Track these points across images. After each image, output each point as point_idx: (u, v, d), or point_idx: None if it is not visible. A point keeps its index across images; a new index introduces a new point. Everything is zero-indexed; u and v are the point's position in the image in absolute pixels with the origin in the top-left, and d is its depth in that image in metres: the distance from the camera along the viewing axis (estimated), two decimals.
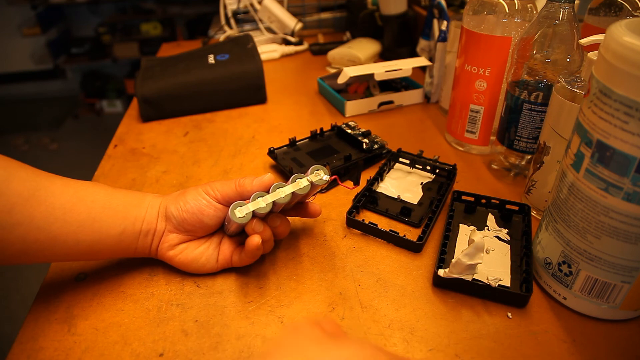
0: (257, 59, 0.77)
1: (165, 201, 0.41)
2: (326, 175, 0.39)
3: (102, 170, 0.60)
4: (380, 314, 0.38)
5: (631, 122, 0.28)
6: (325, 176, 0.39)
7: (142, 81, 0.73)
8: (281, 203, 0.38)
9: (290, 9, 1.10)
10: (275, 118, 0.73)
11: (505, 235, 0.46)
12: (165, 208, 0.40)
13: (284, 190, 0.38)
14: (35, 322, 0.38)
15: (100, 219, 0.37)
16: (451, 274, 0.39)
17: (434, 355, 0.35)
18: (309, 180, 0.39)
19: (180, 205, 0.40)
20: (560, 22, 0.45)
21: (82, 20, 2.97)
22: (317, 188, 0.40)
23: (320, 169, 0.40)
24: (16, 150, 2.47)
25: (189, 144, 0.66)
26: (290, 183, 0.39)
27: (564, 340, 0.36)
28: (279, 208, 0.40)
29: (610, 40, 0.30)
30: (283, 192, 0.38)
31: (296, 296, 0.40)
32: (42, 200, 0.35)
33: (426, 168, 0.57)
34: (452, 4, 0.83)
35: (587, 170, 0.33)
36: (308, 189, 0.39)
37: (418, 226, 0.48)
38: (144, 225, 0.39)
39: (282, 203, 0.38)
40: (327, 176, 0.39)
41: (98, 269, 0.43)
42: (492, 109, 0.58)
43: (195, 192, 0.40)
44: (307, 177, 0.39)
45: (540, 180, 0.47)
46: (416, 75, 0.85)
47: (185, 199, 0.40)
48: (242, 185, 0.39)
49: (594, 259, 0.34)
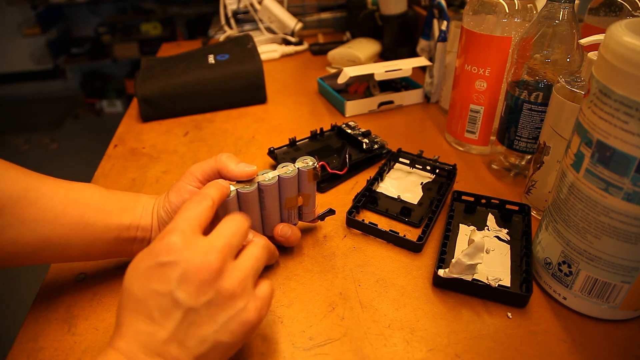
0: (257, 59, 0.77)
1: (157, 203, 0.40)
2: (313, 162, 0.40)
3: (102, 171, 0.60)
4: (380, 313, 0.38)
5: (631, 122, 0.28)
6: (311, 162, 0.40)
7: (142, 81, 0.73)
8: (267, 185, 0.38)
9: (290, 9, 1.10)
10: (275, 118, 0.73)
11: (505, 235, 0.46)
12: (157, 211, 0.39)
13: (269, 174, 0.39)
14: (35, 322, 0.38)
15: (94, 223, 0.36)
16: (451, 274, 0.39)
17: (434, 355, 0.35)
18: (295, 166, 0.40)
19: (166, 207, 0.39)
20: (560, 22, 0.45)
21: (82, 20, 2.97)
22: (307, 181, 0.41)
23: (307, 158, 0.41)
24: (16, 150, 2.47)
25: (189, 144, 0.66)
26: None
27: (564, 340, 0.36)
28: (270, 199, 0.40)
29: (610, 40, 0.30)
30: (268, 176, 0.39)
31: (296, 296, 0.40)
32: (32, 201, 0.34)
33: (426, 168, 0.57)
34: (452, 4, 0.83)
35: (587, 170, 0.33)
36: (295, 174, 0.39)
37: (418, 226, 0.48)
38: (139, 232, 0.38)
39: (268, 185, 0.38)
40: (314, 162, 0.40)
41: (98, 269, 0.43)
42: (492, 109, 0.58)
43: (176, 187, 0.39)
44: (294, 164, 0.40)
45: (540, 180, 0.47)
46: (416, 75, 0.85)
47: (169, 199, 0.39)
48: (220, 161, 0.38)
49: (594, 259, 0.34)
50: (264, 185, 0.38)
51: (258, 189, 0.39)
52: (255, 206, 0.40)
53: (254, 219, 0.40)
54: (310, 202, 0.43)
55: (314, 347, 0.36)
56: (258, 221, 0.41)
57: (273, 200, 0.41)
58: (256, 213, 0.40)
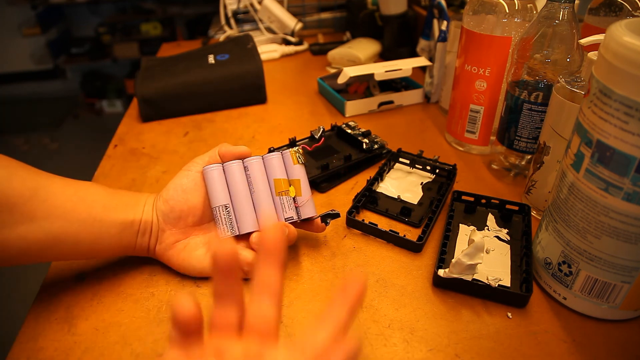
0: (257, 59, 0.77)
1: (156, 197, 0.42)
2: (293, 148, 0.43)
3: (102, 170, 0.60)
4: (380, 313, 0.38)
5: (631, 122, 0.28)
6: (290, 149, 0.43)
7: (142, 81, 0.73)
8: (251, 161, 0.42)
9: (290, 9, 1.10)
10: (275, 118, 0.73)
11: (505, 235, 0.46)
12: (156, 204, 0.41)
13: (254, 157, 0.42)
14: (35, 322, 0.38)
15: (101, 219, 0.37)
16: (451, 274, 0.39)
17: (434, 355, 0.35)
18: (280, 152, 0.43)
19: (163, 195, 0.41)
20: (560, 22, 0.45)
21: (82, 20, 2.97)
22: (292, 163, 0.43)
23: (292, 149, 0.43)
24: (16, 150, 2.47)
25: (189, 144, 0.66)
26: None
27: (564, 340, 0.36)
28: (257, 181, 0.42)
29: (610, 40, 0.30)
30: (254, 158, 0.42)
31: (296, 296, 0.40)
32: (42, 199, 0.35)
33: (426, 168, 0.57)
34: (452, 4, 0.83)
35: (587, 170, 0.33)
36: (277, 154, 0.43)
37: (418, 226, 0.48)
38: (142, 225, 0.40)
39: (252, 161, 0.42)
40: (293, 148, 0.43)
41: (98, 269, 0.43)
42: (492, 109, 0.58)
43: (177, 175, 0.42)
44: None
45: (540, 180, 0.47)
46: (416, 75, 0.85)
47: (167, 187, 0.41)
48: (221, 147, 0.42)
49: (594, 259, 0.34)
50: (248, 162, 0.42)
51: (243, 166, 0.42)
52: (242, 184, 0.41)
53: (244, 201, 0.41)
54: (302, 190, 0.43)
55: None
56: (249, 206, 0.41)
57: (261, 182, 0.42)
58: (245, 194, 0.41)
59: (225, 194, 0.41)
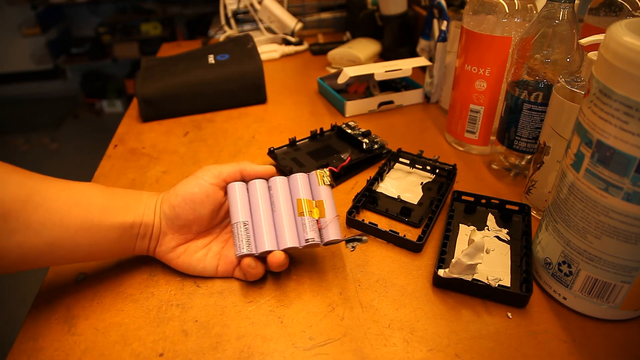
0: (257, 59, 0.77)
1: (160, 199, 0.40)
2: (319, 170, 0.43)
3: (102, 171, 0.60)
4: (380, 314, 0.38)
5: (631, 122, 0.28)
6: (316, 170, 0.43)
7: (142, 81, 0.73)
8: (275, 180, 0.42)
9: (290, 9, 1.10)
10: (275, 118, 0.73)
11: (505, 235, 0.46)
12: (160, 207, 0.40)
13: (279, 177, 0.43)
14: (35, 322, 0.38)
15: (99, 223, 0.36)
16: (451, 274, 0.39)
17: (434, 355, 0.35)
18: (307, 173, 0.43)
19: (171, 200, 0.39)
20: (560, 22, 0.45)
21: (82, 20, 2.97)
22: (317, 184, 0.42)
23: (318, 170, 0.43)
24: (16, 150, 2.48)
25: (189, 144, 0.66)
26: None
27: (564, 340, 0.36)
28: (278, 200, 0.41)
29: (610, 40, 0.30)
30: (278, 178, 0.42)
31: (296, 296, 0.40)
32: (38, 205, 0.34)
33: (426, 168, 0.57)
34: (452, 4, 0.83)
35: (587, 170, 0.33)
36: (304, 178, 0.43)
37: (418, 226, 0.48)
38: (142, 228, 0.39)
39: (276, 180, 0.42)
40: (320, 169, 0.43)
41: (98, 270, 0.43)
42: (492, 109, 0.58)
43: (186, 180, 0.40)
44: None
45: (540, 180, 0.47)
46: (416, 75, 0.85)
47: (175, 192, 0.40)
48: (243, 163, 0.42)
49: (594, 259, 0.34)
50: (272, 181, 0.42)
51: (267, 185, 0.42)
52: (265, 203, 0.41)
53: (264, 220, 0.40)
54: (326, 211, 0.41)
55: (314, 347, 0.36)
56: (269, 225, 0.40)
57: (283, 202, 0.41)
58: (266, 213, 0.41)
59: (246, 211, 0.40)
